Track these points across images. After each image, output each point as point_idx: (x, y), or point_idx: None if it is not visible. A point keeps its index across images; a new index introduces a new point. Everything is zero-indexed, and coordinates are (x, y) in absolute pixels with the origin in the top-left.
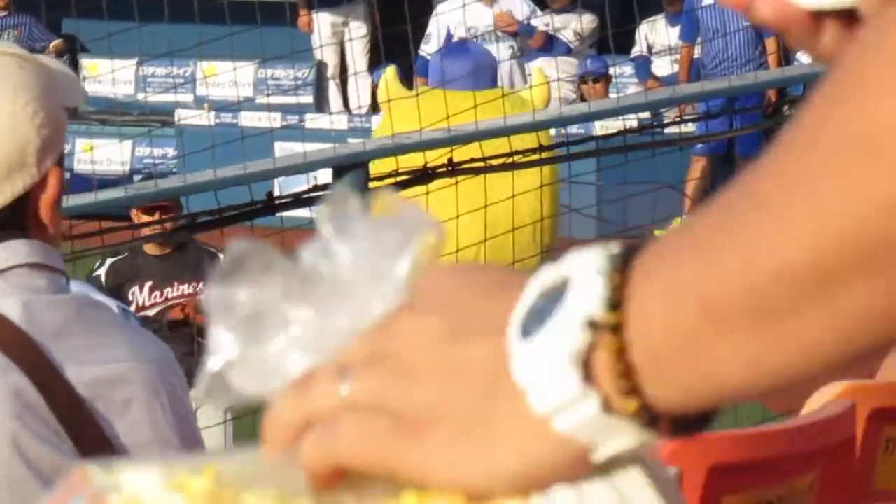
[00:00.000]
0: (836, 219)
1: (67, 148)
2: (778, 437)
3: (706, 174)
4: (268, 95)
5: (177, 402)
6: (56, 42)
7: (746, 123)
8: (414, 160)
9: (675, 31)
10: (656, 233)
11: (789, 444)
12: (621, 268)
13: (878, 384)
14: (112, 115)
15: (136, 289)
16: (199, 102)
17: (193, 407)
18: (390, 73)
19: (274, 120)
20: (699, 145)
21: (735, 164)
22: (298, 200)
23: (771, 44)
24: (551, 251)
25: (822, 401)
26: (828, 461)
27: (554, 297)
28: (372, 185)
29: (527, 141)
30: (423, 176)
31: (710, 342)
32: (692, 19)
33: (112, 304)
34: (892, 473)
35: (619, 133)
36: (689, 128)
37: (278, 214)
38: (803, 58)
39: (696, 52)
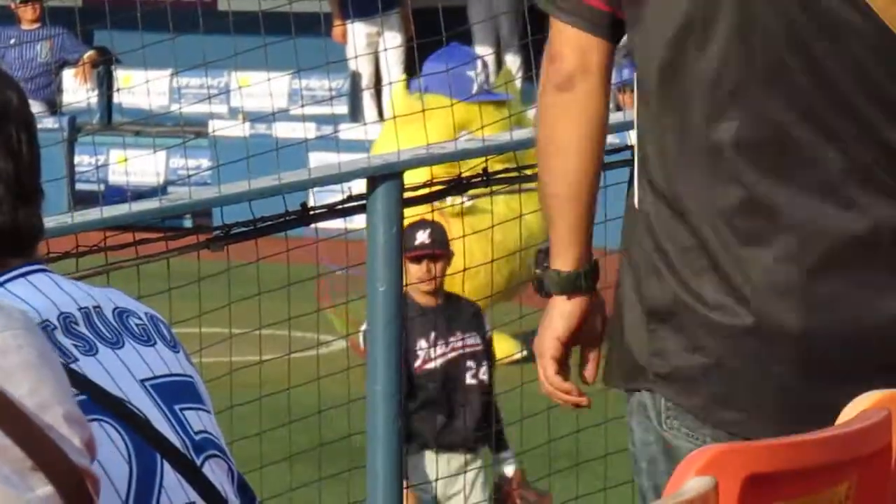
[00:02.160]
0: None
1: (102, 160)
2: (814, 446)
3: None
4: (302, 106)
5: None
6: (90, 53)
7: None
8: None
9: None
10: None
11: (825, 454)
12: None
13: None
14: (146, 127)
15: (422, 341)
16: (234, 113)
17: None
18: (398, 88)
19: (308, 130)
20: None
21: None
22: (333, 211)
23: None
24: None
25: (858, 410)
26: (864, 470)
27: None
28: (407, 195)
29: None
30: (458, 186)
31: None
32: None
33: (141, 310)
34: None
35: None
36: None
37: (313, 225)
38: None
39: None
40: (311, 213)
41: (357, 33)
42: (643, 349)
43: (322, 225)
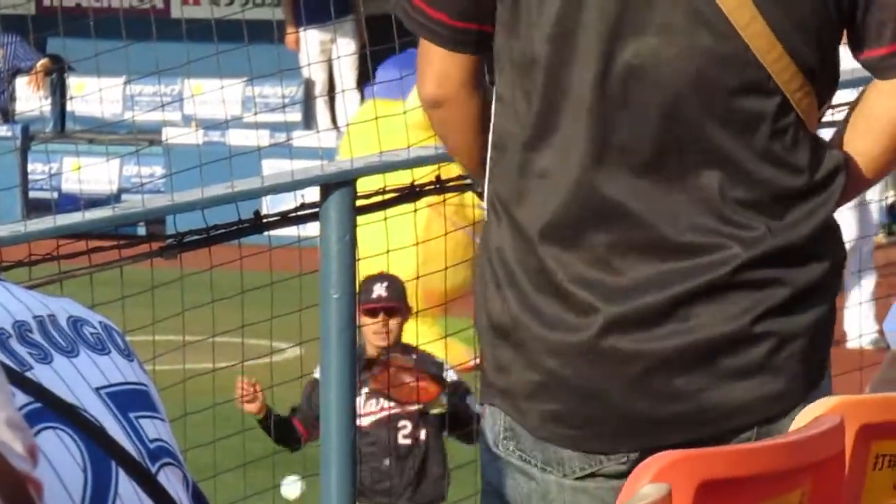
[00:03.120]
0: None
1: (55, 168)
2: (767, 452)
3: None
4: (255, 113)
5: None
6: (43, 61)
7: None
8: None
9: None
10: None
11: (779, 460)
12: None
13: (867, 399)
14: (99, 135)
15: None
16: (187, 121)
17: None
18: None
19: (262, 138)
20: None
21: None
22: (286, 219)
23: None
24: None
25: (812, 416)
26: (817, 477)
27: None
28: (359, 203)
29: None
30: (411, 194)
31: None
32: None
33: (95, 318)
34: (881, 489)
35: None
36: None
37: (266, 233)
38: None
39: None
40: (265, 220)
41: (310, 40)
42: (489, 363)
43: (275, 232)
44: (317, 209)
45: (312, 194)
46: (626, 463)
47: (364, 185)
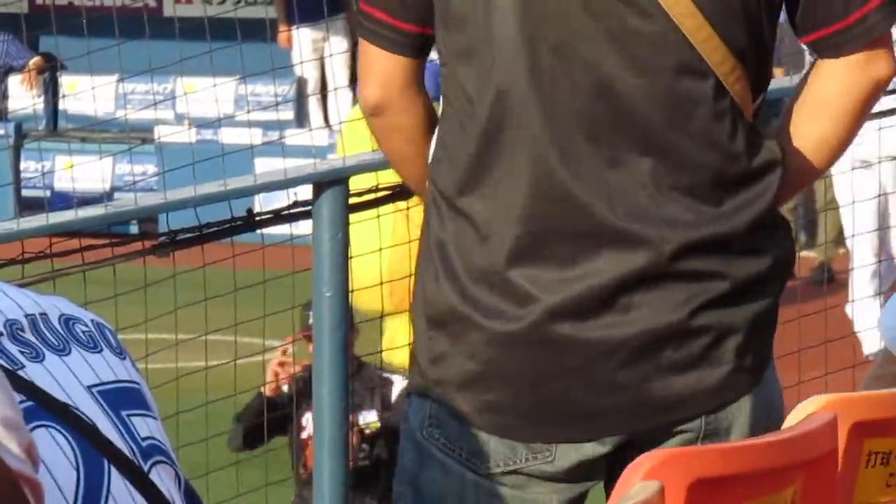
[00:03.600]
0: None
1: (48, 166)
2: (759, 450)
3: None
4: (248, 112)
5: None
6: (36, 59)
7: None
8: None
9: None
10: None
11: (771, 458)
12: None
13: (859, 397)
14: (92, 133)
15: (309, 413)
16: (180, 119)
17: None
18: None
19: (254, 136)
20: None
21: None
22: (279, 217)
23: None
24: None
25: (804, 414)
26: (809, 475)
27: None
28: (352, 201)
29: None
30: (403, 192)
31: None
32: None
33: (87, 316)
34: (874, 487)
35: None
36: None
37: (259, 231)
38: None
39: None
40: (257, 218)
41: (302, 39)
42: (423, 355)
43: (268, 231)
44: (309, 207)
45: (305, 192)
46: (550, 461)
47: (357, 183)
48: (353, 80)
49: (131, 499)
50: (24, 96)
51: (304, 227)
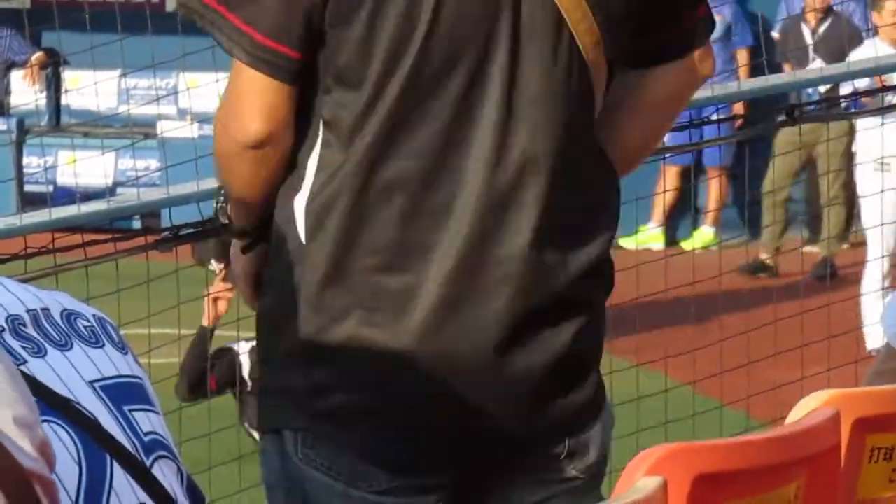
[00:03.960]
0: None
1: (50, 161)
2: (762, 446)
3: (675, 184)
4: None
5: None
6: (38, 54)
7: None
8: None
9: None
10: (621, 241)
11: (774, 454)
12: None
13: (862, 392)
14: (94, 128)
15: None
16: (182, 114)
17: None
18: None
19: None
20: (668, 155)
21: (703, 174)
22: None
23: (742, 58)
24: None
25: (807, 409)
26: (812, 470)
27: None
28: None
29: None
30: None
31: None
32: None
33: (89, 312)
34: (877, 482)
35: None
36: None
37: None
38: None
39: None
40: None
41: None
42: (302, 387)
43: None
44: None
45: None
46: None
47: None
48: None
49: (133, 494)
50: (26, 92)
51: None
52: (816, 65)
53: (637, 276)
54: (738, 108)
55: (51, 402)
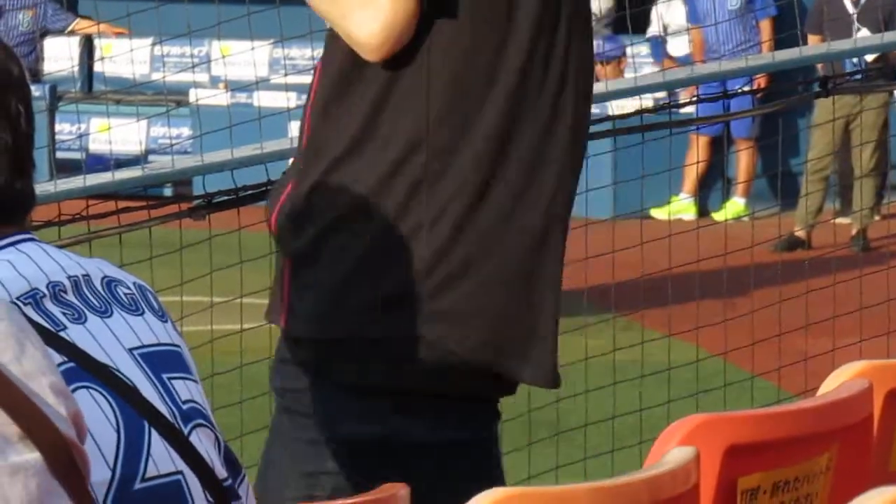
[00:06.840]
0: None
1: (83, 128)
2: (795, 417)
3: (705, 154)
4: (285, 75)
5: None
6: (83, 22)
7: (741, 106)
8: None
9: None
10: (652, 211)
11: (806, 425)
12: None
13: (894, 364)
14: (127, 95)
15: None
16: (215, 82)
17: None
18: None
19: (290, 100)
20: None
21: (732, 145)
22: None
23: (765, 28)
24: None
25: (840, 381)
26: (845, 441)
27: None
28: None
29: None
30: None
31: None
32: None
33: (130, 279)
34: None
35: (636, 113)
36: (691, 109)
37: None
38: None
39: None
40: None
41: None
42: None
43: None
44: None
45: None
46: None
47: None
48: None
49: (171, 461)
50: (59, 59)
51: None
52: (863, 34)
53: (669, 246)
54: (761, 80)
55: (90, 369)
